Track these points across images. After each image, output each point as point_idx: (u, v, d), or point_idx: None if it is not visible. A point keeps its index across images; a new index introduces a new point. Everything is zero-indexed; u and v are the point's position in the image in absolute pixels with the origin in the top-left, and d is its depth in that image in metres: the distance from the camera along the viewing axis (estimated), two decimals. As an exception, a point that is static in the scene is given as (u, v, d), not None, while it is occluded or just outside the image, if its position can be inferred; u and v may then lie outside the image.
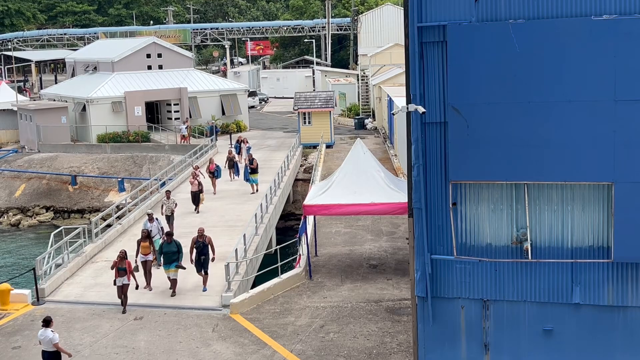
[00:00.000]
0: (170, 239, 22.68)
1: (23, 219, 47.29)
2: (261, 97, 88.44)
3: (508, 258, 13.03)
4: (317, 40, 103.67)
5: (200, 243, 22.60)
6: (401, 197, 22.08)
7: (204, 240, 22.72)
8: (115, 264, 21.32)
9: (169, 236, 22.94)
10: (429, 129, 13.00)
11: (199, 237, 22.74)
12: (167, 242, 22.64)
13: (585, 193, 12.59)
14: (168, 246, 22.51)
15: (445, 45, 12.59)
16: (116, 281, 21.37)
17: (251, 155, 38.00)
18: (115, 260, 21.38)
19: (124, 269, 21.14)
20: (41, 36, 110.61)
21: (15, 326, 20.55)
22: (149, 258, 23.27)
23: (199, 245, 22.60)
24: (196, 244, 22.63)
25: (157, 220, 25.61)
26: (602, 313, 12.78)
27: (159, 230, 25.48)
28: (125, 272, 21.17)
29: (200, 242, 22.61)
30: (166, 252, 22.39)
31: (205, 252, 22.66)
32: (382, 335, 19.14)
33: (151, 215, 25.79)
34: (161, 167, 47.24)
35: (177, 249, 22.41)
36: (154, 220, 25.55)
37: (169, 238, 22.79)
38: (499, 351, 13.35)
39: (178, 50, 67.19)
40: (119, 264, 21.19)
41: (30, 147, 56.93)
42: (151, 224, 25.33)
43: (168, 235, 23.06)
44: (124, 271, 21.13)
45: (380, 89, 59.97)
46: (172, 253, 22.30)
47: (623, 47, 11.72)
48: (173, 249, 22.37)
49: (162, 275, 23.02)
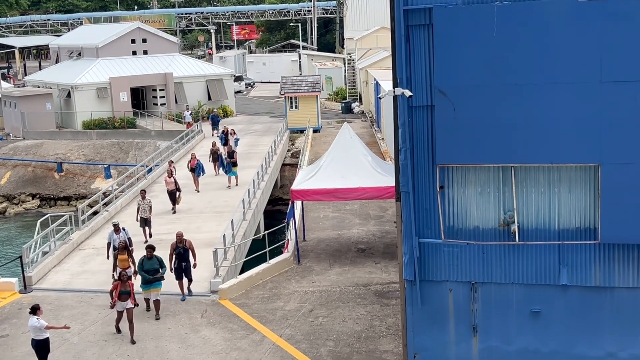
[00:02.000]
0: (151, 254, 19.67)
1: (9, 206, 47.06)
2: (247, 82, 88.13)
3: (495, 240, 13.07)
4: (303, 24, 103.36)
5: (180, 248, 20.62)
6: (389, 181, 22.08)
7: (184, 245, 20.72)
8: (115, 286, 18.40)
9: (149, 250, 19.83)
10: (415, 112, 12.98)
11: (178, 242, 20.72)
12: (147, 258, 19.64)
13: (572, 175, 12.63)
14: (149, 263, 19.62)
15: (431, 28, 12.54)
16: (116, 305, 18.45)
17: (231, 148, 36.44)
18: (116, 283, 18.55)
19: (128, 292, 18.25)
20: (24, 22, 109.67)
21: (2, 315, 20.46)
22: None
23: (179, 251, 20.62)
24: (175, 250, 20.63)
25: (124, 231, 22.23)
26: (589, 294, 12.86)
27: (128, 243, 22.05)
28: (129, 295, 18.26)
29: (180, 248, 20.63)
30: (147, 269, 19.56)
31: (186, 258, 20.66)
32: (371, 319, 19.20)
33: (117, 226, 22.27)
34: (147, 153, 47.07)
35: (160, 265, 19.72)
36: (120, 230, 22.17)
37: (150, 252, 19.70)
38: (487, 333, 13.43)
39: (163, 35, 66.82)
40: (121, 286, 18.25)
41: (15, 135, 56.54)
42: (117, 235, 22.00)
43: (149, 249, 19.88)
44: (127, 294, 18.23)
45: (366, 72, 59.85)
46: (154, 271, 19.57)
47: (609, 29, 11.71)
48: (155, 266, 19.61)
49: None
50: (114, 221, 23.20)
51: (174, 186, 29.93)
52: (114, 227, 22.24)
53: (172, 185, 29.93)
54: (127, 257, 20.72)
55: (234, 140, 41.39)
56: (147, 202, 26.31)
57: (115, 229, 22.16)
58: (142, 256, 19.91)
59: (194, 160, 33.94)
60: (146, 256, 19.72)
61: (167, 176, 30.23)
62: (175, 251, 20.68)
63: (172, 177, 29.97)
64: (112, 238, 22.07)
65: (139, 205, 26.20)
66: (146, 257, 19.71)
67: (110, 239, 22.15)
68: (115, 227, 22.21)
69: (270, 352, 17.56)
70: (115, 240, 21.86)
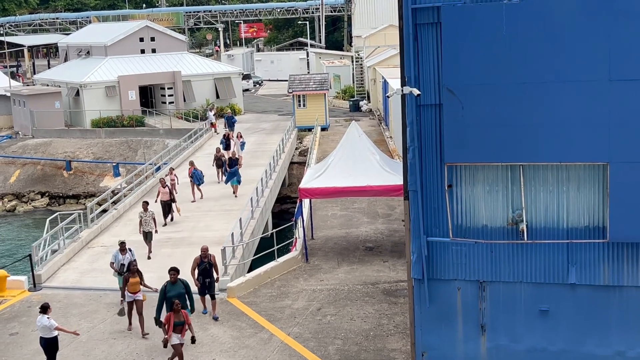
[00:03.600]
0: (175, 277, 17.33)
1: (18, 204, 47.25)
2: (255, 80, 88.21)
3: (504, 239, 13.04)
4: (311, 22, 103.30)
5: (205, 264, 19.16)
6: (397, 179, 22.07)
7: (208, 259, 19.27)
8: (168, 318, 16.21)
9: (173, 273, 17.38)
10: (424, 111, 12.96)
11: (203, 257, 19.22)
12: (171, 283, 17.28)
13: (581, 173, 12.59)
14: (174, 288, 17.17)
15: (439, 26, 12.52)
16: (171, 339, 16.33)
17: (235, 154, 33.82)
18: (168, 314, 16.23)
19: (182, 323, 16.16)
20: (33, 21, 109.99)
21: (12, 312, 20.57)
22: (139, 297, 18.53)
23: (204, 266, 19.12)
24: (200, 265, 19.11)
25: (130, 252, 20.06)
26: (598, 293, 12.82)
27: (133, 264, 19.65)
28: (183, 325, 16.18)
29: (205, 263, 19.17)
30: (172, 296, 16.88)
31: (210, 274, 19.27)
32: (379, 317, 19.20)
33: (123, 245, 20.03)
34: (156, 152, 47.17)
35: (186, 290, 17.26)
36: (126, 251, 19.98)
37: (175, 276, 17.31)
38: (496, 332, 13.41)
39: (171, 34, 66.93)
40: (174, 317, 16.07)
41: (24, 133, 56.76)
42: (123, 256, 19.87)
43: (174, 272, 17.45)
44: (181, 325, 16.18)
45: (375, 70, 59.80)
46: (179, 297, 16.99)
47: (618, 26, 11.67)
48: (180, 291, 17.16)
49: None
50: (120, 239, 20.82)
51: (168, 197, 27.78)
52: (120, 247, 20.04)
53: (167, 195, 27.76)
54: (139, 281, 18.62)
55: (240, 143, 39.38)
56: (149, 214, 24.34)
57: (121, 248, 19.97)
58: (165, 282, 17.49)
59: (191, 167, 32.28)
60: (170, 281, 17.39)
61: (161, 185, 27.97)
62: (199, 267, 19.16)
63: (166, 187, 27.84)
64: (118, 259, 19.87)
65: (141, 218, 24.34)
66: (169, 282, 17.39)
67: (115, 259, 19.93)
68: (122, 246, 20.02)
69: (278, 350, 17.59)
70: (120, 261, 19.80)
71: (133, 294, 18.49)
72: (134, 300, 18.39)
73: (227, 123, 48.10)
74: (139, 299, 18.31)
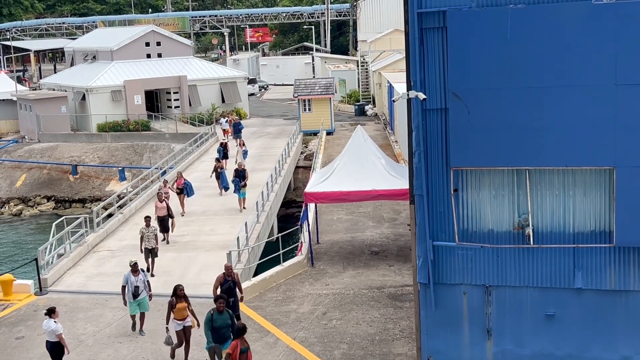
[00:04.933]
0: (223, 306, 15.77)
1: (24, 209, 47.36)
2: (261, 85, 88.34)
3: (510, 244, 13.03)
4: (316, 27, 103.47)
5: (229, 283, 18.02)
6: (402, 184, 22.06)
7: (232, 278, 18.14)
8: (234, 347, 14.41)
9: (222, 302, 15.84)
10: (429, 115, 12.97)
11: (226, 276, 18.05)
12: (218, 312, 15.70)
13: (587, 178, 12.58)
14: (221, 318, 15.73)
15: (445, 31, 12.54)
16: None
17: (241, 165, 31.48)
18: (235, 342, 14.55)
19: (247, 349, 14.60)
20: (39, 25, 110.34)
21: (18, 316, 20.61)
22: (187, 323, 16.96)
23: (228, 285, 17.98)
24: (224, 284, 17.95)
25: (143, 273, 18.93)
26: (604, 297, 12.79)
27: (146, 285, 18.90)
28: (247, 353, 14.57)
29: (229, 282, 18.03)
30: (219, 326, 15.65)
31: (234, 294, 18.07)
32: (385, 322, 19.18)
33: (136, 266, 18.68)
34: (162, 156, 47.23)
35: (232, 322, 15.89)
36: (139, 272, 18.78)
37: (222, 305, 15.78)
38: (502, 336, 13.39)
39: (177, 38, 67.10)
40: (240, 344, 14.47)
41: (30, 137, 56.92)
42: (136, 277, 18.64)
43: (221, 300, 15.91)
44: (245, 352, 14.55)
45: (380, 75, 59.82)
46: (226, 328, 15.72)
47: (623, 31, 11.67)
48: (227, 322, 15.78)
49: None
50: (131, 260, 19.05)
51: (165, 212, 26.01)
52: (132, 268, 18.61)
53: (164, 210, 26.00)
54: (186, 306, 16.94)
55: (243, 152, 37.91)
56: (152, 229, 23.07)
57: (133, 269, 18.59)
58: (210, 310, 15.89)
59: (180, 179, 30.53)
60: (216, 309, 15.75)
61: (158, 200, 26.21)
62: (223, 286, 17.96)
63: (163, 202, 26.11)
64: (130, 281, 18.54)
65: (143, 234, 22.90)
66: (216, 310, 15.74)
67: (127, 281, 18.58)
68: (134, 267, 18.61)
69: (284, 355, 17.58)
70: (133, 283, 18.50)
71: (181, 321, 16.88)
72: (183, 327, 16.86)
73: (234, 130, 46.86)
74: (188, 326, 16.83)
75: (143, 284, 18.71)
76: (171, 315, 16.81)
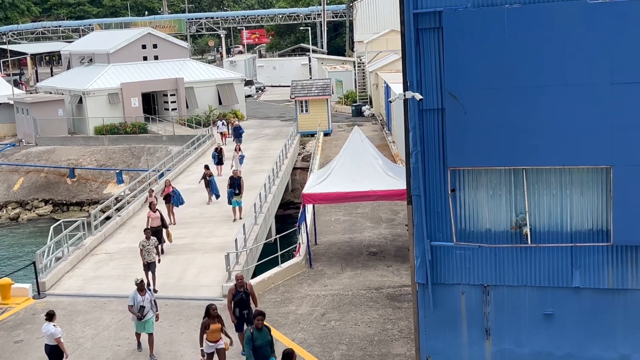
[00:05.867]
0: (262, 323, 14.85)
1: (22, 212, 47.33)
2: (258, 86, 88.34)
3: (507, 243, 13.03)
4: (312, 28, 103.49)
5: (241, 294, 17.11)
6: (400, 184, 22.06)
7: (244, 289, 17.23)
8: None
9: (260, 318, 14.87)
10: (426, 115, 12.97)
11: (238, 287, 17.16)
12: (257, 329, 14.80)
13: (584, 177, 12.59)
14: (261, 335, 14.81)
15: (441, 31, 12.54)
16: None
17: (237, 173, 30.12)
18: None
19: None
20: (36, 29, 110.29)
21: (16, 320, 20.58)
22: (221, 345, 16.06)
23: (240, 297, 17.10)
24: (236, 296, 17.06)
25: (149, 292, 17.96)
26: (602, 296, 12.80)
27: (152, 305, 17.82)
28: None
29: (241, 293, 17.13)
30: (260, 345, 14.75)
31: (248, 305, 17.17)
32: (383, 322, 19.19)
33: (142, 285, 17.75)
34: (159, 158, 47.24)
35: (271, 337, 15.13)
36: (145, 291, 17.73)
37: (261, 321, 14.84)
38: (500, 336, 13.39)
39: (173, 41, 67.15)
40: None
41: (27, 141, 56.90)
42: (142, 296, 17.51)
43: (260, 316, 14.92)
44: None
45: (377, 75, 59.86)
46: (266, 345, 14.90)
47: (620, 30, 11.68)
48: (267, 338, 14.89)
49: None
50: (136, 278, 18.15)
51: (159, 222, 24.94)
52: (138, 287, 17.59)
53: (157, 221, 24.91)
54: (220, 327, 16.05)
55: (239, 157, 36.82)
56: (152, 242, 21.86)
57: (139, 288, 17.56)
58: (249, 328, 15.15)
59: (168, 187, 29.38)
60: (255, 327, 14.83)
61: (151, 210, 25.19)
62: (235, 298, 17.09)
63: (157, 212, 25.14)
64: (137, 300, 17.45)
65: (143, 247, 21.65)
66: (255, 328, 14.83)
67: (134, 301, 17.47)
68: (140, 285, 17.61)
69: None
70: (140, 302, 17.43)
71: (214, 343, 16.11)
72: (215, 350, 16.11)
73: (235, 134, 46.30)
74: (221, 347, 16.11)
75: (150, 303, 17.66)
76: (204, 336, 15.92)
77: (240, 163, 36.59)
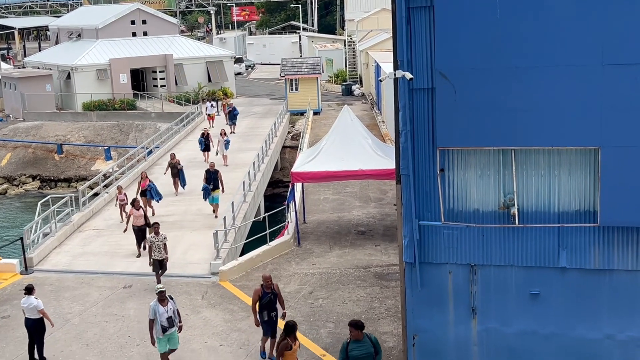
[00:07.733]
0: (361, 333, 13.12)
1: (9, 188, 47.14)
2: (247, 64, 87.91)
3: (495, 223, 13.07)
4: (303, 6, 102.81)
5: (269, 296, 15.83)
6: (389, 164, 22.10)
7: (272, 290, 15.92)
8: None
9: (359, 329, 13.09)
10: (416, 95, 12.94)
11: (265, 288, 15.82)
12: (354, 340, 13.05)
13: (572, 158, 12.61)
14: (361, 346, 13.06)
15: (432, 10, 12.47)
16: None
17: (213, 166, 27.72)
18: None
19: None
20: (24, 3, 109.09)
21: (3, 296, 20.56)
22: None
23: (268, 298, 15.83)
24: (263, 298, 15.80)
25: (172, 301, 15.74)
26: (588, 276, 12.88)
27: (176, 315, 15.80)
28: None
29: (269, 295, 15.84)
30: (358, 356, 13.02)
31: (275, 307, 16.08)
32: (371, 301, 19.28)
33: (163, 294, 15.47)
34: (148, 135, 47.05)
35: (375, 350, 13.19)
36: (167, 300, 15.56)
37: (359, 332, 13.09)
38: (486, 315, 13.47)
39: (163, 17, 66.62)
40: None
41: (15, 116, 56.49)
42: (165, 307, 15.43)
43: (358, 327, 13.09)
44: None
45: (367, 54, 59.68)
46: (367, 357, 13.08)
47: (611, 11, 11.66)
48: (370, 350, 13.09)
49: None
50: (157, 287, 16.11)
51: (143, 221, 23.16)
52: (159, 297, 15.42)
53: (141, 219, 23.14)
54: (297, 349, 14.36)
55: (225, 142, 34.98)
56: (161, 238, 20.21)
57: (160, 298, 15.40)
58: (346, 340, 13.26)
59: (145, 180, 27.38)
60: (352, 337, 13.12)
61: (135, 208, 23.23)
62: (262, 300, 15.85)
63: (140, 209, 23.33)
64: (158, 312, 15.32)
65: (152, 243, 20.15)
66: (352, 339, 13.11)
67: (155, 314, 15.33)
68: (161, 295, 15.43)
69: (270, 334, 17.62)
70: (162, 314, 15.36)
71: None
72: None
73: (229, 116, 44.96)
74: None
75: (174, 313, 15.66)
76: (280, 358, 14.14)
77: (225, 148, 34.95)
